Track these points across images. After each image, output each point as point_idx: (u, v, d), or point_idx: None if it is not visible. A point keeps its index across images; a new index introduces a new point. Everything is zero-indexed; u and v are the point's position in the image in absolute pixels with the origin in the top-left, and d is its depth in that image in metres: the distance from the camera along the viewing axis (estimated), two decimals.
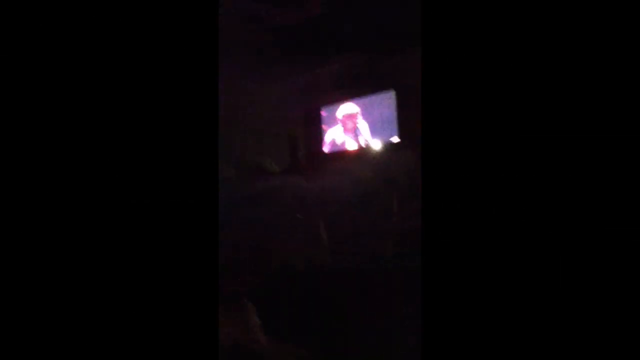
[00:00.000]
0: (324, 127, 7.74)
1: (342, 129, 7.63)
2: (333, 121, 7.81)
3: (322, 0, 5.11)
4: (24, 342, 0.84)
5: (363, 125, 7.34)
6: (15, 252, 0.85)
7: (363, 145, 7.54)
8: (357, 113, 7.53)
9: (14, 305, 0.84)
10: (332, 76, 7.11)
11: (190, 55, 0.94)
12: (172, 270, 0.90)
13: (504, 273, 0.82)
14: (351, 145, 7.62)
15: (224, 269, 1.02)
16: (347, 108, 7.63)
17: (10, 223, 0.86)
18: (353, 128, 7.58)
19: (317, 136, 7.71)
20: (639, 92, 0.78)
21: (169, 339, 0.87)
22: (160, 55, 0.93)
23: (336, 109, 7.68)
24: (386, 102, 6.99)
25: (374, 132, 7.19)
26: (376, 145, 7.09)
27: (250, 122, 5.59)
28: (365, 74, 6.79)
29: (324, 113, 7.77)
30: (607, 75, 0.81)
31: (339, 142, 7.92)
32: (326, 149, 7.73)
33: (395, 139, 6.91)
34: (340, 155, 7.64)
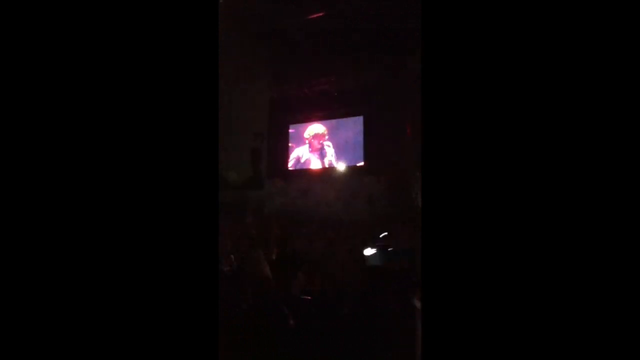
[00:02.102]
0: (291, 144, 7.77)
1: (308, 147, 7.69)
2: (299, 139, 7.86)
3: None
4: (24, 341, 0.80)
5: (329, 146, 7.44)
6: (15, 252, 0.81)
7: (327, 165, 7.62)
8: (324, 134, 7.63)
9: (14, 305, 0.80)
10: (306, 96, 7.18)
11: (189, 60, 0.94)
12: (171, 272, 0.88)
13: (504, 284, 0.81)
14: (315, 165, 7.68)
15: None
16: (315, 128, 7.72)
17: (10, 223, 0.82)
18: (319, 148, 7.67)
19: (283, 152, 7.71)
20: (639, 92, 0.79)
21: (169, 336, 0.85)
22: (158, 58, 0.93)
23: (304, 128, 7.74)
24: (354, 126, 7.13)
25: (340, 154, 7.30)
26: (341, 167, 7.19)
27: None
28: (338, 98, 6.92)
29: (291, 130, 7.81)
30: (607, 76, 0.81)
31: (302, 159, 7.96)
32: (290, 165, 7.74)
33: (361, 163, 7.04)
34: (303, 172, 7.68)
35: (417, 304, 1.16)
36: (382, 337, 1.20)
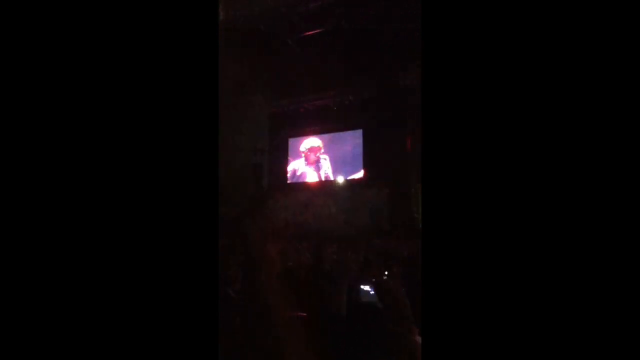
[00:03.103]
0: (289, 158, 7.84)
1: (304, 161, 7.78)
2: (296, 152, 7.94)
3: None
4: (24, 342, 0.82)
5: (325, 160, 7.54)
6: (15, 253, 0.83)
7: (323, 178, 7.70)
8: (320, 147, 7.72)
9: (14, 305, 0.82)
10: (305, 110, 7.27)
11: (189, 65, 0.94)
12: (171, 288, 0.88)
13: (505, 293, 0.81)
14: (312, 178, 7.75)
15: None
16: (311, 141, 7.81)
17: (10, 224, 0.84)
18: (315, 161, 7.75)
19: (283, 166, 7.78)
20: (639, 92, 0.79)
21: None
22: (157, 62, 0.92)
23: (300, 142, 7.82)
24: (353, 139, 7.23)
25: (338, 167, 7.39)
26: (338, 179, 7.28)
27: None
28: (337, 112, 7.02)
29: (290, 144, 7.89)
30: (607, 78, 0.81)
31: (299, 172, 8.02)
32: (288, 179, 7.81)
33: (360, 176, 7.12)
34: (300, 186, 7.74)
35: (418, 339, 1.17)
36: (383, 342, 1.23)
